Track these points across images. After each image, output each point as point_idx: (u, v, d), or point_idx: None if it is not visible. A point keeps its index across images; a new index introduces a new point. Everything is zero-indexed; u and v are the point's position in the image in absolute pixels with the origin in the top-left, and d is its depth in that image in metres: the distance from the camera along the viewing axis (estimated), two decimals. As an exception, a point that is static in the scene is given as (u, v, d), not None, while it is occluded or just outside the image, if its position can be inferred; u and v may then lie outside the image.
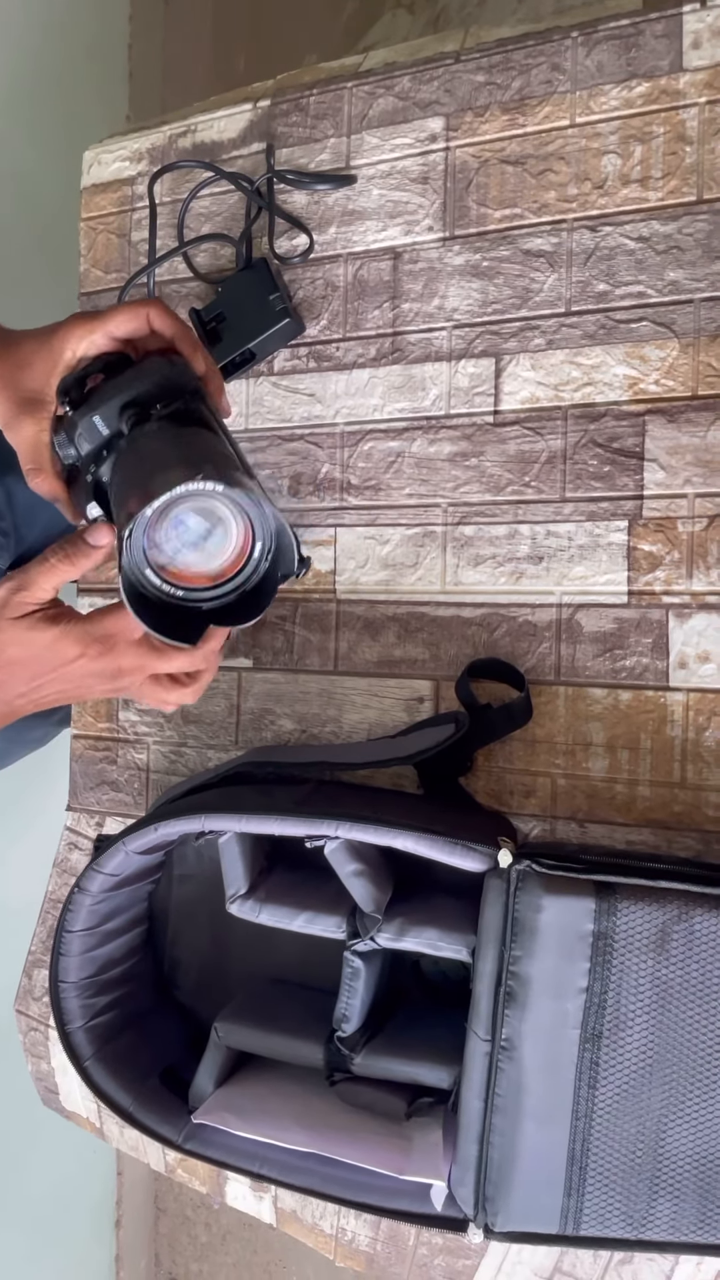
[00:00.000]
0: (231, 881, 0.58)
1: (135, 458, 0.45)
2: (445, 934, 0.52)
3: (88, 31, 1.46)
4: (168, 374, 0.48)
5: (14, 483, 0.81)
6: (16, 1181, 1.31)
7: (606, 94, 0.60)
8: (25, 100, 1.27)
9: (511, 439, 0.63)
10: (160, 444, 0.45)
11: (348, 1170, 0.54)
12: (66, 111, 1.35)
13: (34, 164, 1.27)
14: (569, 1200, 0.49)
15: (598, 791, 0.60)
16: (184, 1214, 1.63)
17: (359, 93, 0.68)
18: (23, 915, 0.88)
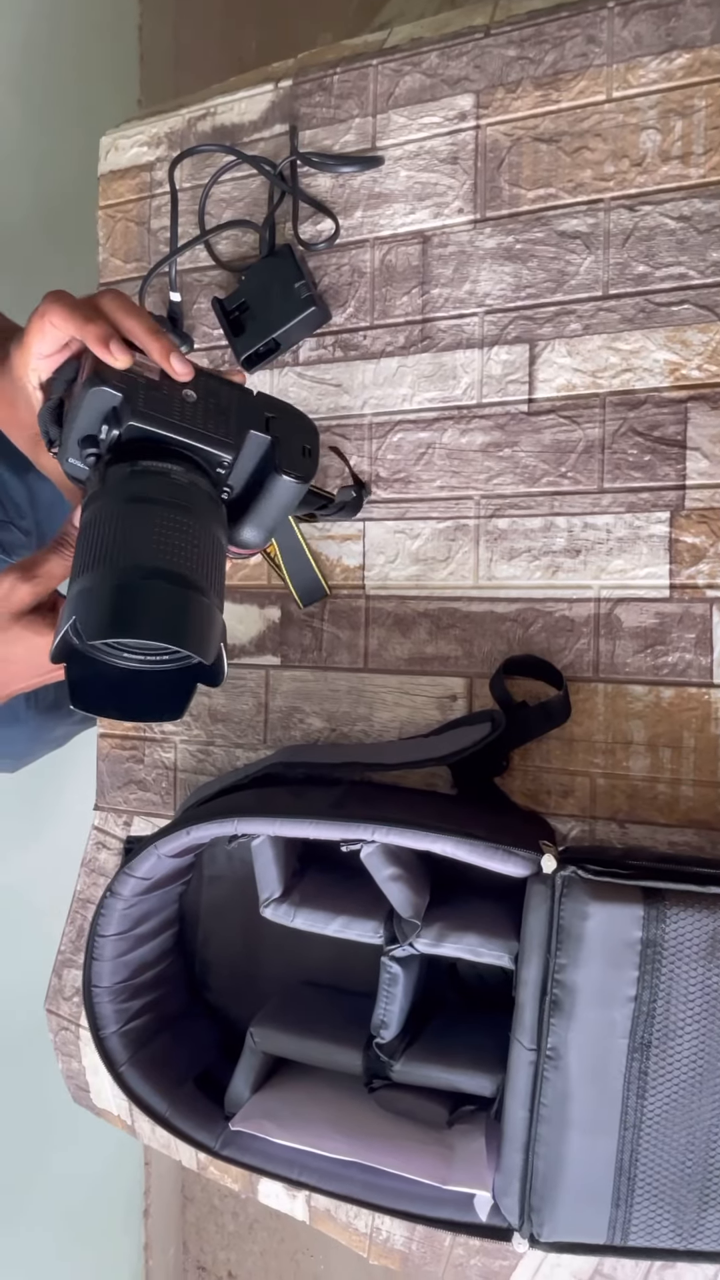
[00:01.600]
0: (265, 885, 0.57)
1: (91, 538, 0.41)
2: (486, 940, 0.51)
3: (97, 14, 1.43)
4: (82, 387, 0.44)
5: (36, 481, 0.80)
6: (47, 1172, 1.32)
7: (645, 67, 0.57)
8: (37, 86, 1.25)
9: (547, 428, 0.61)
10: (112, 537, 0.40)
11: (388, 1178, 0.53)
12: (78, 96, 1.33)
13: (47, 150, 1.25)
14: (617, 1211, 0.48)
15: (639, 791, 0.58)
16: (211, 1203, 1.64)
17: (384, 70, 0.65)
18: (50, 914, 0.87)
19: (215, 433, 0.44)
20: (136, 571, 0.38)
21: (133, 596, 0.38)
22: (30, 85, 1.25)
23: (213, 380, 0.45)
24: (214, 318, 0.70)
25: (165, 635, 0.38)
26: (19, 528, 0.80)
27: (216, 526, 0.43)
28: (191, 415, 0.44)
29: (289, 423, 0.46)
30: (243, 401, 0.46)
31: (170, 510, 0.41)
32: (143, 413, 0.42)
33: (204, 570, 0.40)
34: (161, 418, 0.43)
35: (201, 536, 0.41)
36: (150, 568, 0.38)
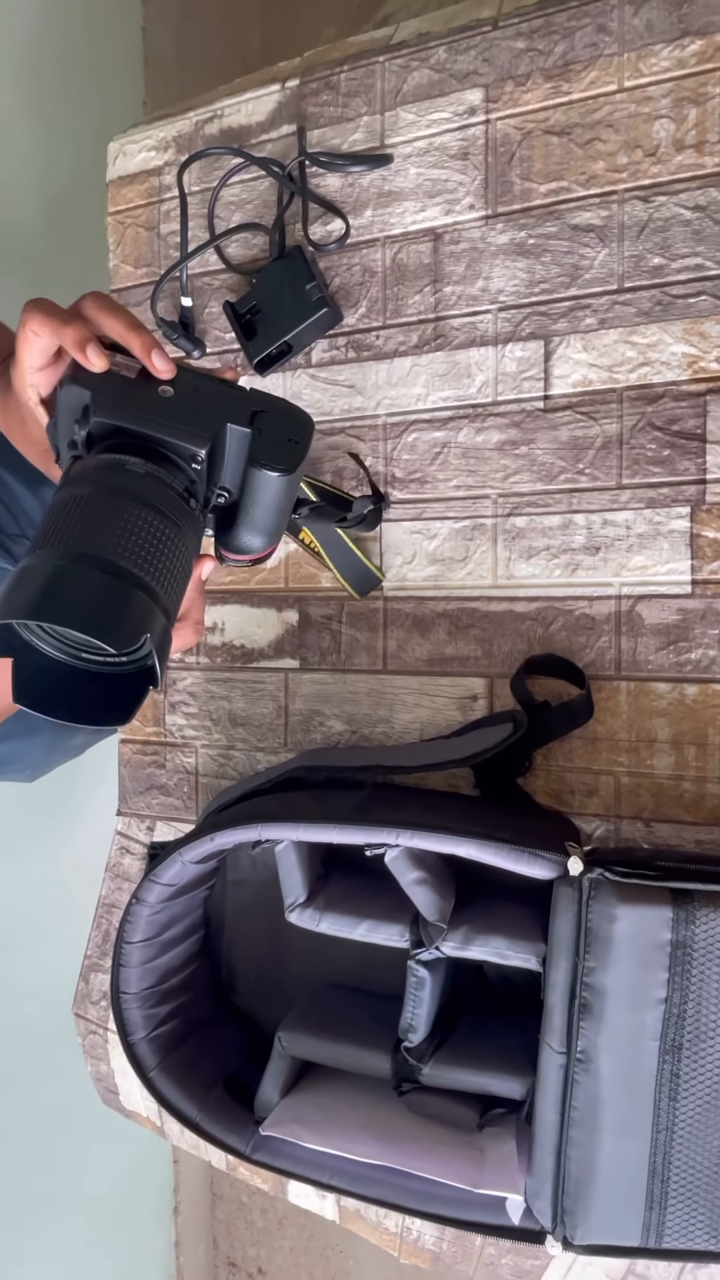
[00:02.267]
0: (290, 890, 0.57)
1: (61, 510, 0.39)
2: (513, 942, 0.51)
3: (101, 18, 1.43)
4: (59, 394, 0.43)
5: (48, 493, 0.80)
6: (80, 1171, 1.34)
7: (657, 55, 0.57)
8: (42, 92, 1.25)
9: (563, 425, 0.60)
10: (70, 523, 0.38)
11: (419, 1181, 0.53)
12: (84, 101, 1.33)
13: (53, 155, 1.25)
14: (650, 1214, 0.48)
15: (664, 790, 0.58)
16: (240, 1200, 1.65)
17: (392, 67, 0.65)
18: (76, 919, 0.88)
19: (185, 426, 0.42)
20: (70, 557, 0.37)
21: (58, 583, 0.36)
22: (36, 92, 1.25)
23: (199, 378, 0.44)
24: (226, 321, 0.70)
25: (76, 622, 0.35)
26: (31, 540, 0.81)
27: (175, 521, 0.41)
28: (163, 410, 0.42)
29: (276, 417, 0.44)
30: (226, 397, 0.44)
31: (119, 499, 0.39)
32: (107, 408, 0.41)
33: (146, 563, 0.38)
34: (126, 411, 0.41)
35: (148, 527, 0.39)
36: (87, 555, 0.37)
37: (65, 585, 0.36)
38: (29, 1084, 1.23)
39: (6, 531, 0.79)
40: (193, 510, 0.43)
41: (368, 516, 0.64)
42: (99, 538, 0.38)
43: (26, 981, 1.20)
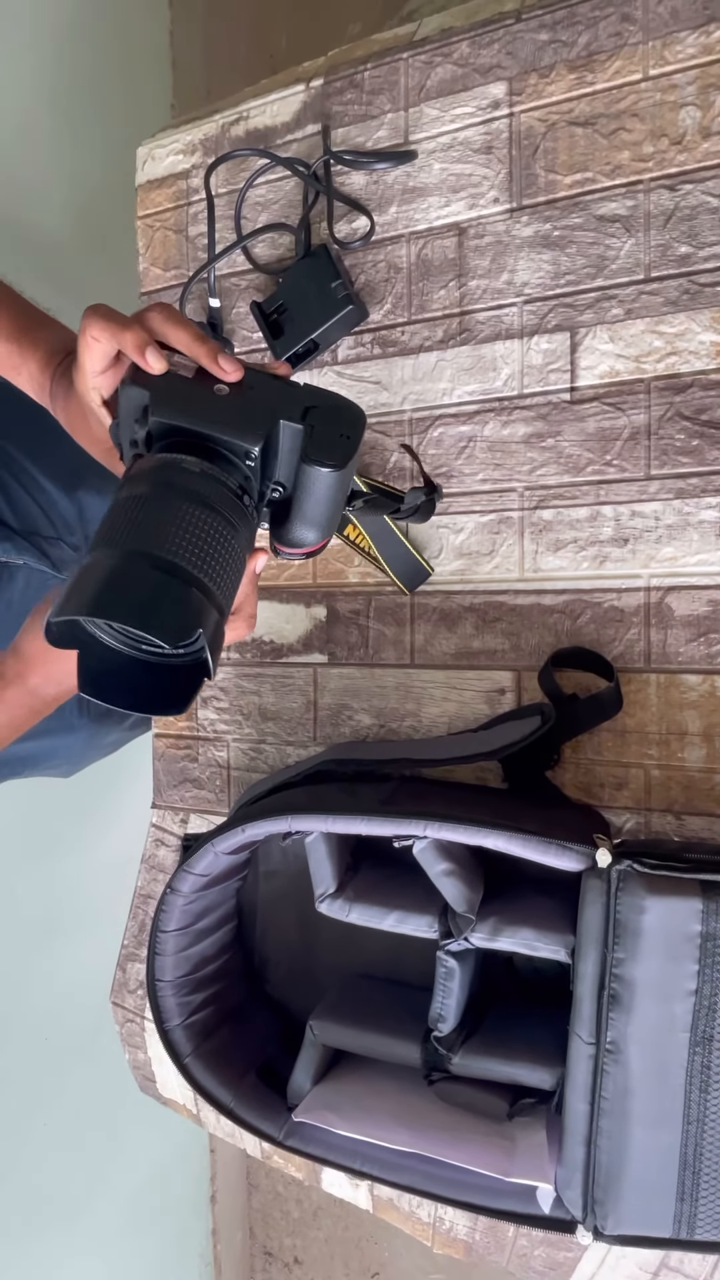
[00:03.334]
0: (320, 881, 0.58)
1: (124, 510, 0.41)
2: (541, 934, 0.51)
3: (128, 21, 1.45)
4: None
5: (85, 496, 0.82)
6: (117, 1159, 1.36)
7: (682, 42, 0.56)
8: (71, 98, 1.28)
9: (590, 416, 0.60)
10: (136, 520, 0.40)
11: (450, 1169, 0.53)
12: (112, 106, 1.35)
13: (83, 161, 1.27)
14: (682, 1205, 0.48)
15: (695, 783, 0.57)
16: (276, 1190, 1.67)
17: (415, 63, 0.65)
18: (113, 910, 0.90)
19: (240, 423, 0.43)
20: (128, 556, 0.38)
21: (116, 580, 0.37)
22: (66, 100, 1.27)
23: (254, 375, 0.45)
24: (253, 321, 0.71)
25: (131, 619, 0.37)
26: (68, 544, 0.83)
27: (229, 519, 0.42)
28: (218, 407, 0.43)
29: (330, 412, 0.45)
30: (281, 394, 0.45)
31: (176, 498, 0.40)
32: (165, 407, 0.42)
33: (201, 559, 0.39)
34: (181, 409, 0.42)
35: (203, 525, 0.40)
36: (143, 553, 0.38)
37: (122, 583, 0.38)
38: (69, 1074, 1.25)
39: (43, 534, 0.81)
40: (246, 507, 0.44)
41: (421, 507, 0.63)
42: (155, 536, 0.39)
43: (65, 972, 1.23)
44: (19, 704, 0.52)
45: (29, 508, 0.79)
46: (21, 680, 0.51)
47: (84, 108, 1.30)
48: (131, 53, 1.47)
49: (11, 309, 0.50)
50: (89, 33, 1.32)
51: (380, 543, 0.65)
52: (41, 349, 0.49)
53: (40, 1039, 1.22)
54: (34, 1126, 1.21)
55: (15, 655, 0.50)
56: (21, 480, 0.78)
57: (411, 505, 0.62)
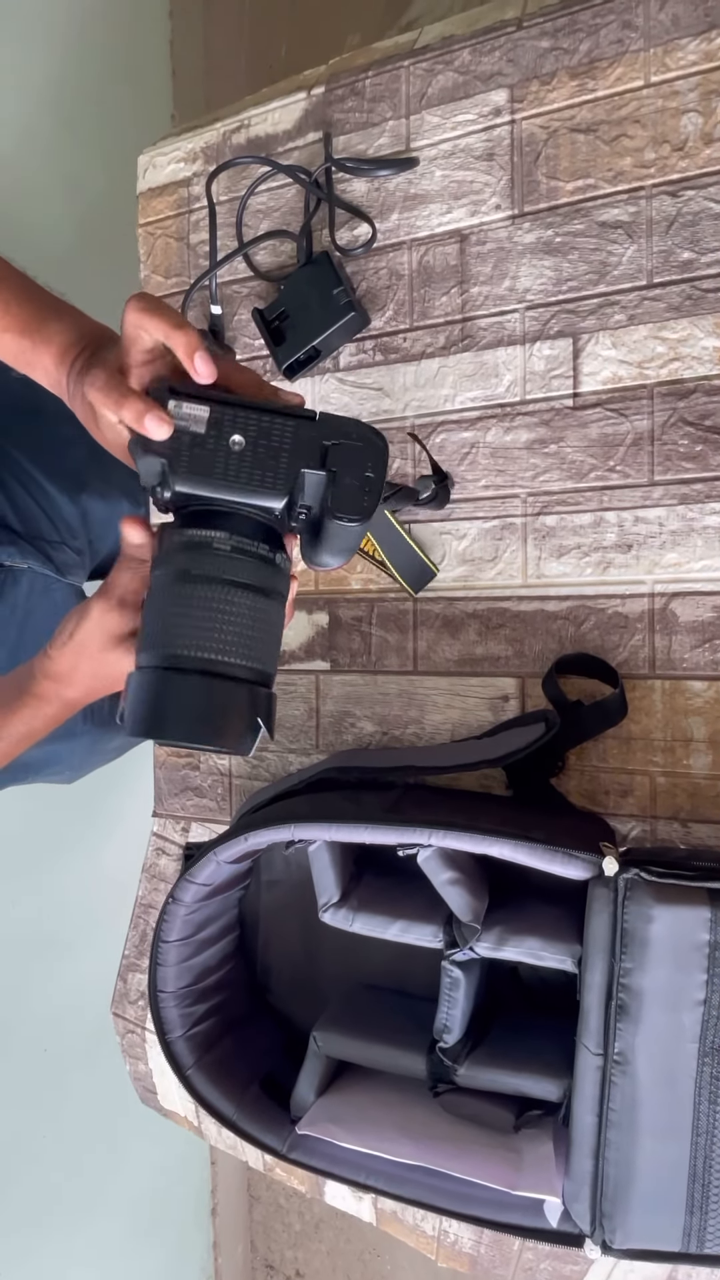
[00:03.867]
0: (323, 890, 0.57)
1: (147, 613, 0.44)
2: (547, 943, 0.51)
3: (129, 32, 1.46)
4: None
5: (88, 500, 0.82)
6: (118, 1171, 1.35)
7: (684, 49, 0.56)
8: (74, 108, 1.28)
9: (593, 422, 0.60)
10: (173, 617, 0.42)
11: (456, 1182, 0.53)
12: (113, 115, 1.36)
13: (84, 169, 1.27)
14: (691, 1218, 0.47)
15: (701, 790, 0.57)
16: (277, 1202, 1.65)
17: (416, 71, 0.65)
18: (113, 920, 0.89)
19: (263, 483, 0.42)
20: (170, 662, 0.41)
21: (164, 695, 0.41)
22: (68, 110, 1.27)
23: (266, 416, 0.43)
24: (255, 328, 0.71)
25: (189, 737, 0.42)
26: (71, 548, 0.82)
27: (263, 589, 0.43)
28: (237, 468, 0.42)
29: (351, 449, 0.43)
30: (297, 436, 0.43)
31: (206, 585, 0.42)
32: (184, 476, 0.42)
33: (242, 645, 0.42)
34: (204, 478, 0.42)
35: (238, 609, 0.42)
36: (184, 658, 0.41)
37: (170, 697, 0.41)
38: (69, 1085, 1.24)
39: (47, 538, 0.80)
40: (278, 563, 0.45)
41: (438, 495, 0.62)
42: (194, 635, 0.41)
43: (65, 982, 1.22)
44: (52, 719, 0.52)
45: (33, 511, 0.78)
46: (60, 699, 0.51)
47: (86, 117, 1.30)
48: (133, 63, 1.48)
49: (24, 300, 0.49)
50: (91, 43, 1.33)
51: (385, 545, 0.65)
52: (55, 343, 0.48)
53: (39, 1050, 1.21)
54: (34, 1138, 1.20)
55: (47, 676, 0.50)
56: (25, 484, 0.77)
57: (427, 497, 0.61)
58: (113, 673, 0.50)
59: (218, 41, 1.59)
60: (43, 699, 0.51)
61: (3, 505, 0.75)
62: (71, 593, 0.84)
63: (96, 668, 0.50)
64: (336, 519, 0.43)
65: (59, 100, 1.26)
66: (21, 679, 0.51)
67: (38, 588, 0.79)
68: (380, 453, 0.44)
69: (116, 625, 0.48)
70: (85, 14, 1.32)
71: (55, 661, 0.49)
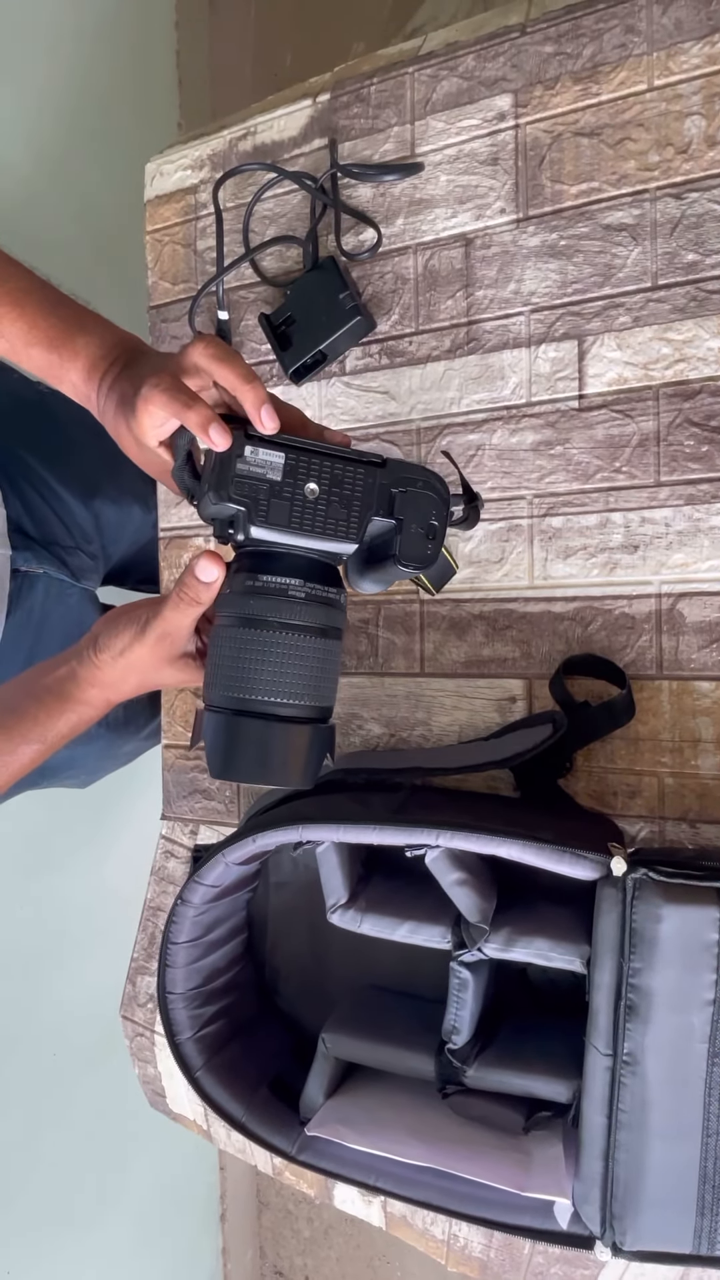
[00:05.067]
0: (331, 891, 0.57)
1: (215, 653, 0.46)
2: (556, 944, 0.51)
3: (135, 42, 1.47)
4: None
5: (102, 505, 0.83)
6: (127, 1176, 1.35)
7: (687, 52, 0.57)
8: (78, 116, 1.29)
9: (599, 423, 0.60)
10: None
11: (465, 1184, 0.52)
12: (119, 124, 1.37)
13: (91, 179, 1.28)
14: (702, 1220, 0.47)
15: (709, 790, 0.57)
16: (286, 1208, 1.65)
17: (421, 77, 0.66)
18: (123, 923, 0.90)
19: (336, 532, 0.44)
20: (241, 706, 0.44)
21: (235, 739, 0.45)
22: (77, 120, 1.29)
23: (339, 464, 0.44)
24: (262, 333, 0.72)
25: (261, 778, 0.45)
26: (85, 552, 0.83)
27: (328, 630, 0.45)
28: (312, 517, 0.44)
29: (417, 496, 0.45)
30: (368, 484, 0.45)
31: (281, 633, 0.44)
32: (263, 524, 0.43)
33: (308, 687, 0.45)
34: (279, 528, 0.44)
35: (308, 653, 0.44)
36: (254, 701, 0.44)
37: (241, 740, 0.45)
38: (77, 1089, 1.25)
39: (62, 544, 0.81)
40: (342, 604, 0.47)
41: (468, 516, 0.63)
42: (264, 681, 0.44)
43: (74, 986, 1.22)
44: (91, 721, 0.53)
45: (48, 517, 0.79)
46: (104, 702, 0.52)
47: (93, 127, 1.31)
48: (140, 73, 1.49)
49: (49, 313, 0.49)
50: (98, 53, 1.34)
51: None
52: (82, 358, 0.49)
53: (48, 1054, 1.21)
54: (42, 1142, 1.20)
55: (95, 685, 0.51)
56: (40, 490, 0.78)
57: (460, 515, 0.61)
58: (160, 682, 0.52)
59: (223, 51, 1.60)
60: (88, 704, 0.52)
61: (17, 510, 0.76)
62: (86, 597, 0.84)
63: (144, 679, 0.52)
64: (401, 566, 0.45)
65: (67, 110, 1.27)
66: (60, 683, 0.51)
67: (53, 593, 0.79)
68: (444, 501, 0.47)
69: (167, 654, 0.50)
70: (92, 25, 1.33)
71: (105, 671, 0.50)
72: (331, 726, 0.47)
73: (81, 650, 0.51)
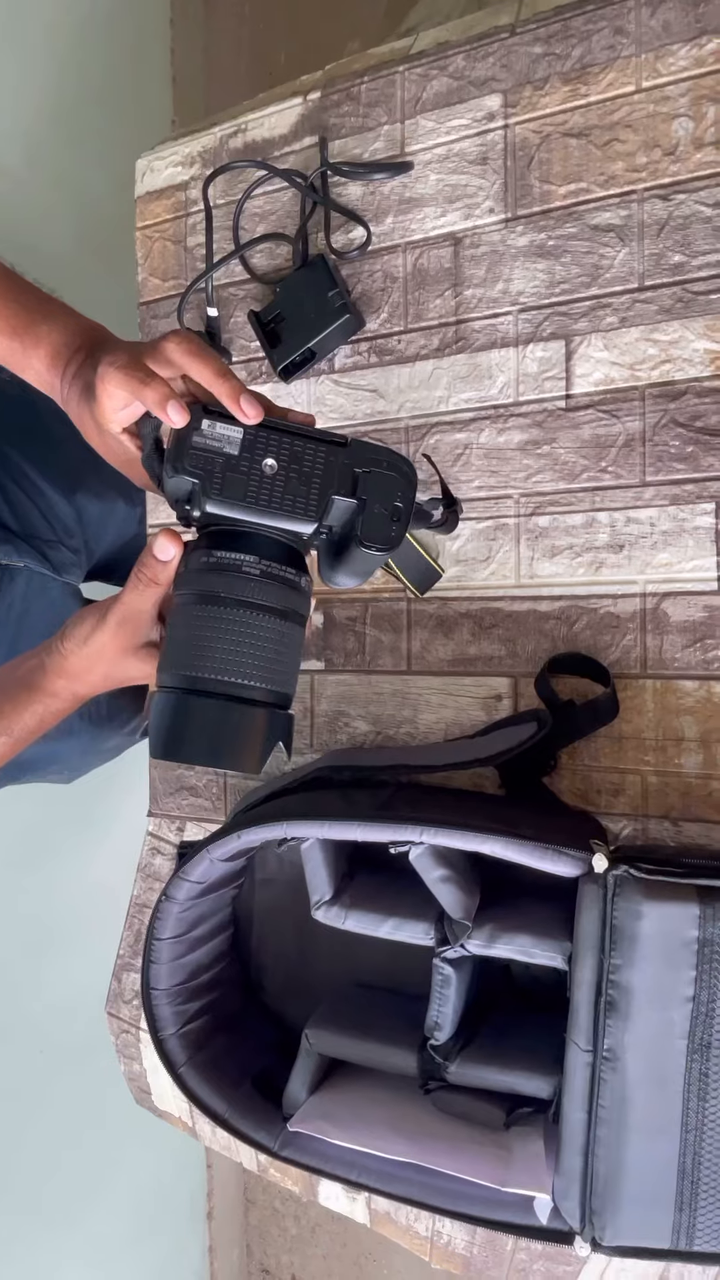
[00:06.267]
0: (316, 888, 0.57)
1: (171, 631, 0.44)
2: (538, 940, 0.51)
3: (130, 39, 1.47)
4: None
5: (84, 500, 0.83)
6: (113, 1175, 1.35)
7: (675, 54, 0.57)
8: (72, 112, 1.29)
9: (585, 423, 0.60)
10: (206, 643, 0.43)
11: (447, 1180, 0.53)
12: (113, 121, 1.37)
13: (84, 175, 1.28)
14: (680, 1215, 0.47)
15: (692, 789, 0.57)
16: (273, 1206, 1.65)
17: (411, 76, 0.66)
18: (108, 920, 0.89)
19: (295, 508, 0.42)
20: (194, 685, 0.42)
21: (186, 719, 0.42)
22: (70, 116, 1.28)
23: (299, 441, 0.43)
24: (251, 330, 0.72)
25: (209, 760, 0.43)
26: (68, 547, 0.83)
27: (287, 613, 0.44)
28: (269, 491, 0.42)
29: (381, 477, 0.44)
30: (329, 462, 0.43)
31: (237, 610, 0.42)
32: (218, 497, 0.42)
33: (265, 669, 0.43)
34: (237, 501, 0.42)
35: (265, 633, 0.43)
36: (208, 681, 0.42)
37: (192, 720, 0.42)
38: (63, 1087, 1.24)
39: (43, 538, 0.81)
40: (302, 585, 0.45)
41: (447, 520, 0.62)
42: (219, 660, 0.42)
43: (60, 983, 1.22)
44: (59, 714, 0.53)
45: (29, 511, 0.79)
46: (71, 694, 0.52)
47: (87, 124, 1.31)
48: (134, 70, 1.49)
49: (11, 300, 0.49)
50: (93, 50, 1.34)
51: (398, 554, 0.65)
52: (45, 345, 0.48)
53: (34, 1051, 1.21)
54: (27, 1141, 1.20)
55: (61, 674, 0.50)
56: (21, 484, 0.78)
57: (439, 520, 0.61)
58: (125, 675, 0.51)
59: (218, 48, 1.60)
60: (54, 695, 0.51)
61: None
62: (68, 592, 0.84)
63: (110, 670, 0.51)
64: (364, 547, 0.43)
65: (61, 106, 1.27)
66: (29, 675, 0.51)
67: (34, 586, 0.79)
68: (410, 483, 0.45)
69: (130, 639, 0.49)
70: (87, 21, 1.33)
71: (69, 661, 0.50)
72: (289, 715, 0.45)
73: (51, 643, 0.51)
